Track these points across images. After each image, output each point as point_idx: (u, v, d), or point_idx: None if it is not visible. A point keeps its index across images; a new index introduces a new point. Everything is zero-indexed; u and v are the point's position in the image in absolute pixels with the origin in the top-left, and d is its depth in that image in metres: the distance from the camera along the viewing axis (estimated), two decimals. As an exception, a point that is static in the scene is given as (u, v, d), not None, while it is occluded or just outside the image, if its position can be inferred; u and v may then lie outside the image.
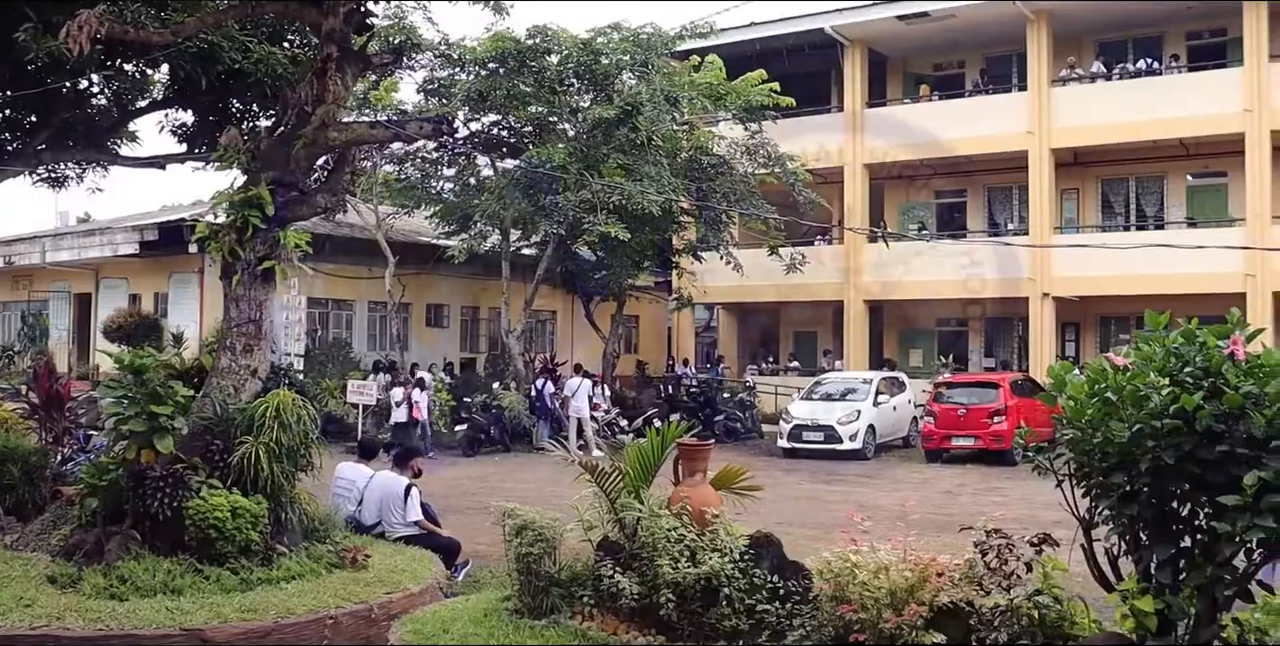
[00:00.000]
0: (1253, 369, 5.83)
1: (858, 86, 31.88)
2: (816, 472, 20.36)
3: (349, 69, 10.31)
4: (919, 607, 6.26)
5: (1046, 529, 6.93)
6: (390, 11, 24.00)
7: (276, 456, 8.91)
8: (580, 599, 7.26)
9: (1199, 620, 5.88)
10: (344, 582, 8.67)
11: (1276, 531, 5.49)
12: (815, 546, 7.90)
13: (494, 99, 24.60)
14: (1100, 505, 6.27)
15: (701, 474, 7.58)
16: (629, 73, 24.85)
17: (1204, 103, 26.81)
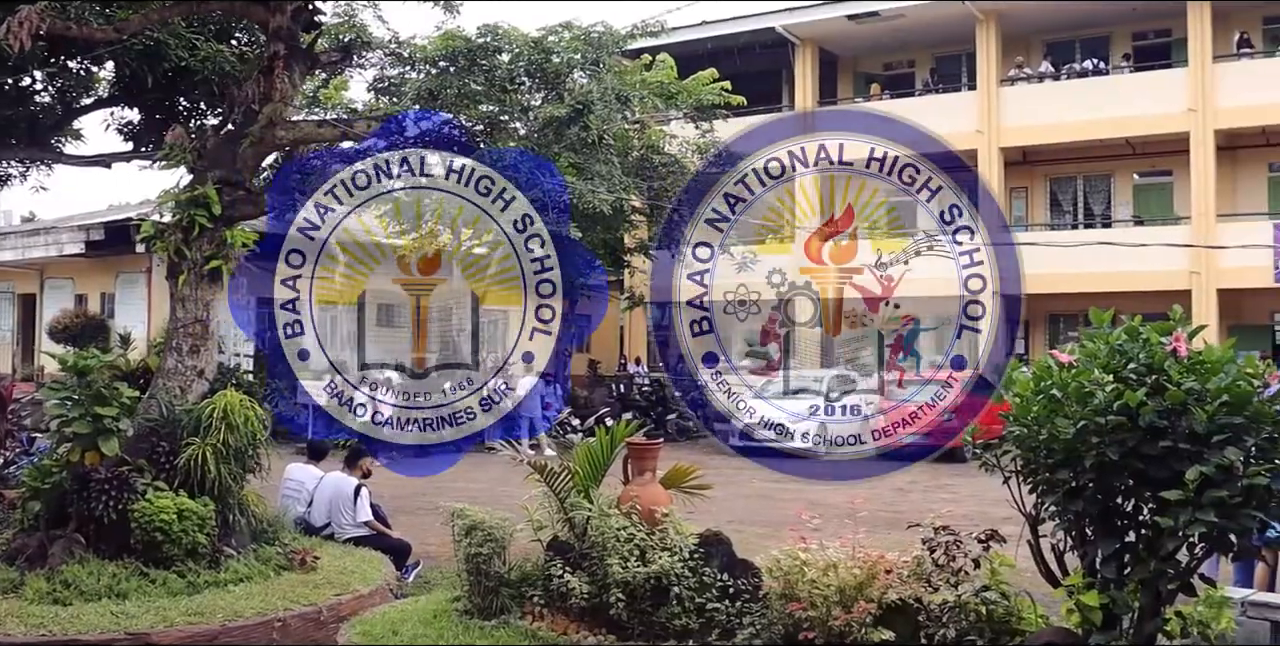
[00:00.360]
0: (1195, 365, 5.92)
1: (809, 85, 32.03)
2: (768, 470, 20.26)
3: (297, 67, 10.23)
4: (868, 605, 6.30)
5: (996, 525, 6.99)
6: (340, 9, 23.81)
7: (224, 458, 8.83)
8: (530, 599, 7.26)
9: (1143, 614, 5.96)
10: (292, 584, 8.61)
11: (1217, 525, 5.58)
12: (766, 544, 7.94)
13: (445, 98, 24.41)
14: (1046, 501, 6.34)
15: (651, 473, 7.59)
16: (580, 71, 24.75)
17: (1150, 102, 27.15)
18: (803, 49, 32.17)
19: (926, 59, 33.36)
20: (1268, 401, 5.77)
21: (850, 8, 30.48)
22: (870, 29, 31.31)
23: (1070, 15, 29.43)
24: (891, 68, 34.30)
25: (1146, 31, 30.37)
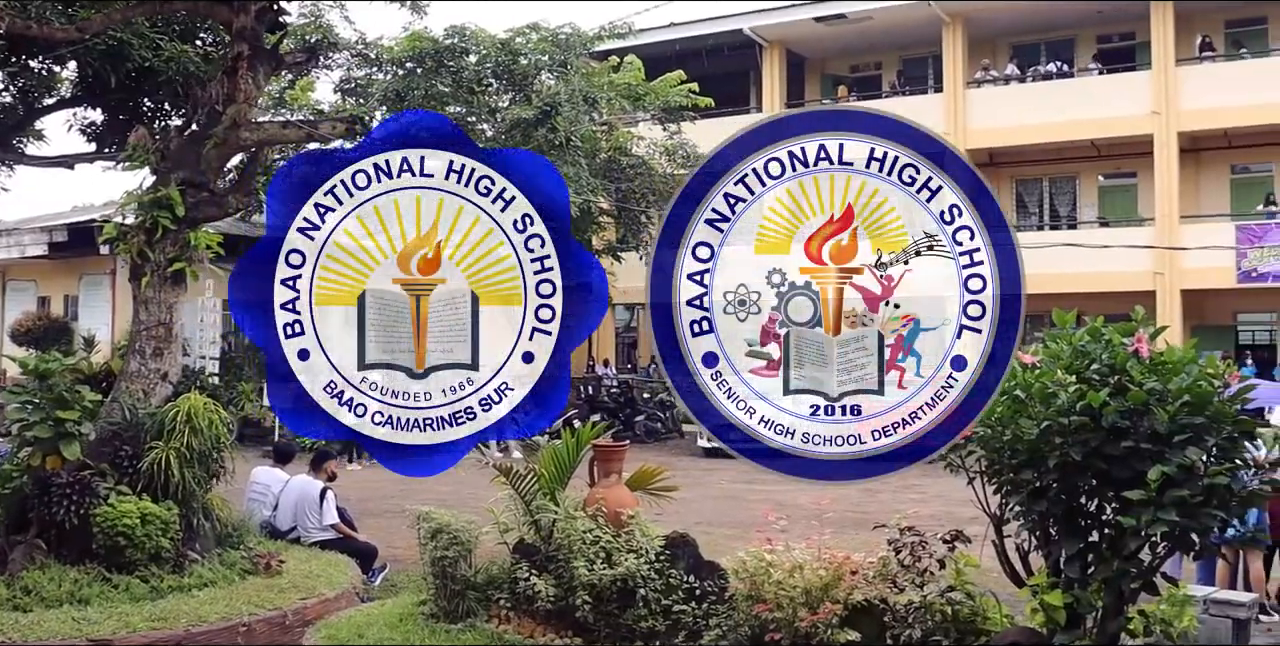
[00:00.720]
0: (1156, 366, 5.97)
1: (776, 87, 32.12)
2: (737, 472, 20.32)
3: (261, 68, 10.16)
4: (834, 606, 6.31)
5: (963, 525, 7.02)
6: (306, 9, 23.71)
7: (188, 461, 8.75)
8: (496, 602, 7.24)
9: (1106, 613, 6.00)
10: (258, 589, 8.54)
11: (1179, 525, 5.62)
12: (735, 545, 7.93)
13: (412, 99, 24.36)
14: (1011, 502, 6.38)
15: (617, 475, 7.57)
16: (547, 73, 24.76)
17: (1114, 105, 27.36)
18: (770, 51, 32.25)
19: (894, 61, 33.50)
20: (1228, 401, 5.82)
21: (817, 10, 30.58)
22: (837, 31, 31.42)
23: (1036, 18, 29.62)
24: (859, 70, 34.44)
25: (1111, 35, 30.61)
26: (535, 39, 24.85)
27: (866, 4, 29.83)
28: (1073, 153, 29.32)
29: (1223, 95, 26.38)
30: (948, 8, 29.30)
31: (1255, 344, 28.81)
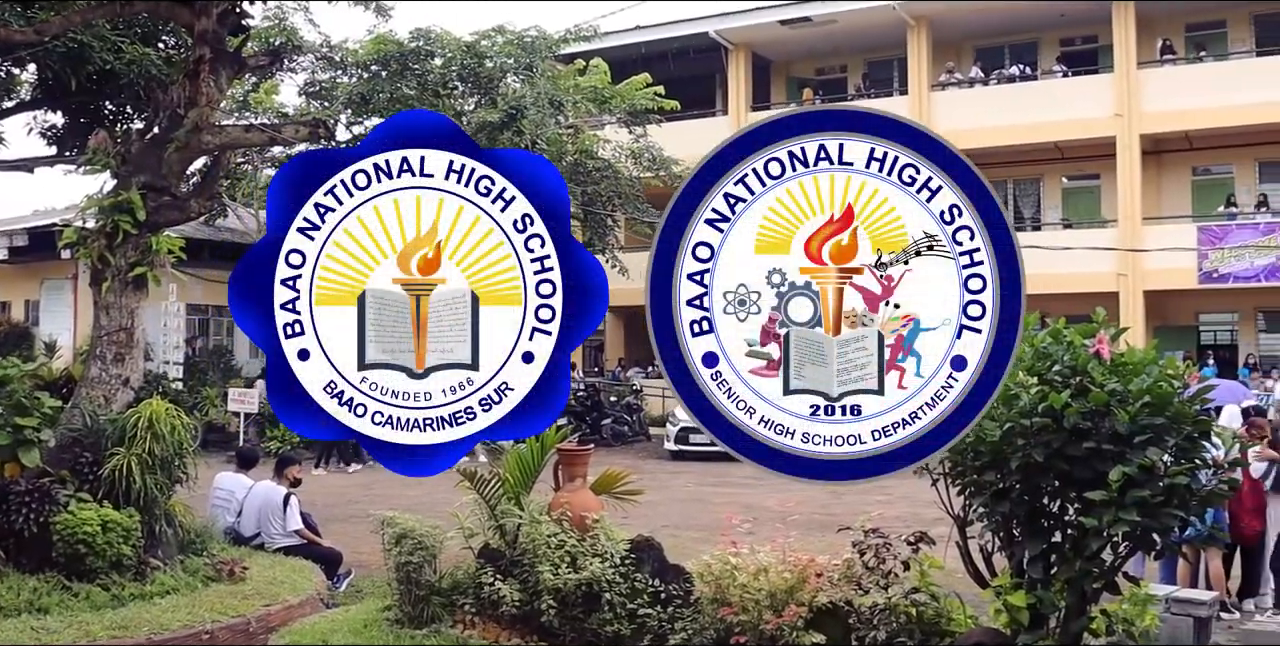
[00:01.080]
0: (1117, 367, 6.01)
1: (742, 90, 32.20)
2: (704, 474, 20.46)
3: (223, 71, 10.09)
4: (799, 608, 6.32)
5: (929, 526, 7.05)
6: (270, 12, 23.60)
7: (150, 468, 8.67)
8: (462, 607, 7.21)
9: (1069, 613, 6.04)
10: (221, 596, 8.48)
11: (1140, 525, 5.66)
12: (701, 548, 7.93)
13: (376, 102, 24.30)
14: (974, 503, 6.41)
15: (582, 479, 7.56)
16: (513, 76, 24.72)
17: (1077, 107, 27.56)
18: (736, 54, 32.32)
19: (859, 64, 33.63)
20: (1188, 402, 5.87)
21: (783, 13, 30.66)
22: (803, 34, 31.51)
23: (999, 21, 29.82)
24: (824, 72, 34.55)
25: (1074, 38, 30.84)
26: (501, 42, 24.82)
27: (831, 7, 29.94)
28: (1036, 155, 29.53)
29: (1184, 98, 26.63)
30: (912, 10, 29.45)
31: (1217, 344, 29.08)
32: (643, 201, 26.52)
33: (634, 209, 25.89)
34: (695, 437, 23.05)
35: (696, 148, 24.87)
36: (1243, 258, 25.60)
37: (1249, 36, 28.87)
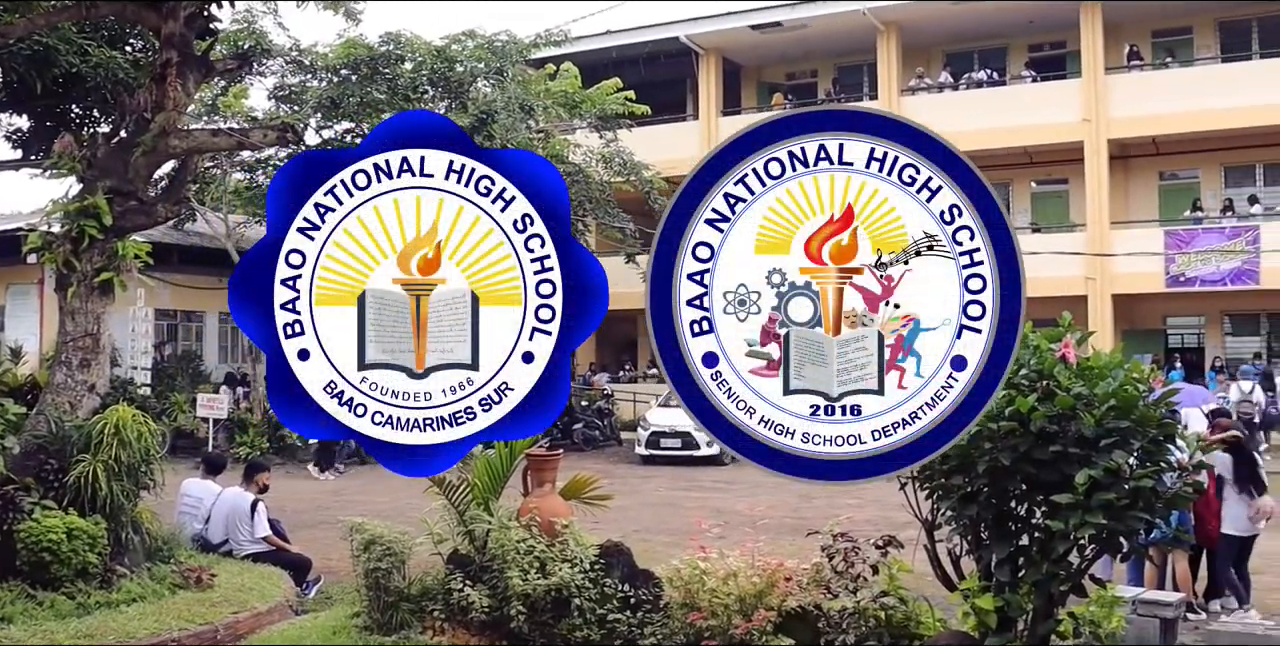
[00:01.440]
0: (1083, 370, 6.05)
1: (713, 95, 32.26)
2: (675, 479, 20.47)
3: (191, 75, 10.04)
4: (767, 613, 6.34)
5: (899, 529, 7.08)
6: (239, 15, 23.48)
7: (116, 474, 8.60)
8: (431, 613, 7.19)
9: (1037, 615, 6.07)
10: (188, 603, 8.42)
11: (1106, 527, 5.70)
12: (672, 552, 7.94)
13: (347, 106, 24.21)
14: (942, 506, 6.43)
15: (550, 484, 7.56)
16: (483, 80, 24.66)
17: (1046, 112, 27.73)
18: (707, 58, 32.37)
19: (829, 68, 33.75)
20: (1153, 405, 5.92)
21: (753, 18, 30.74)
22: (773, 39, 31.60)
23: (969, 26, 29.99)
24: (795, 77, 34.64)
25: (1042, 43, 31.03)
26: (471, 46, 24.77)
27: (802, 11, 30.05)
28: (1005, 159, 29.67)
29: (1151, 103, 26.83)
30: (882, 15, 29.58)
31: (1184, 347, 29.31)
32: (613, 206, 26.53)
33: (605, 214, 25.89)
34: (666, 442, 23.09)
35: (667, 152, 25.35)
36: (1209, 261, 25.81)
37: (1214, 43, 29.14)
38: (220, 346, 30.55)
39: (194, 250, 27.78)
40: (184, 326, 29.82)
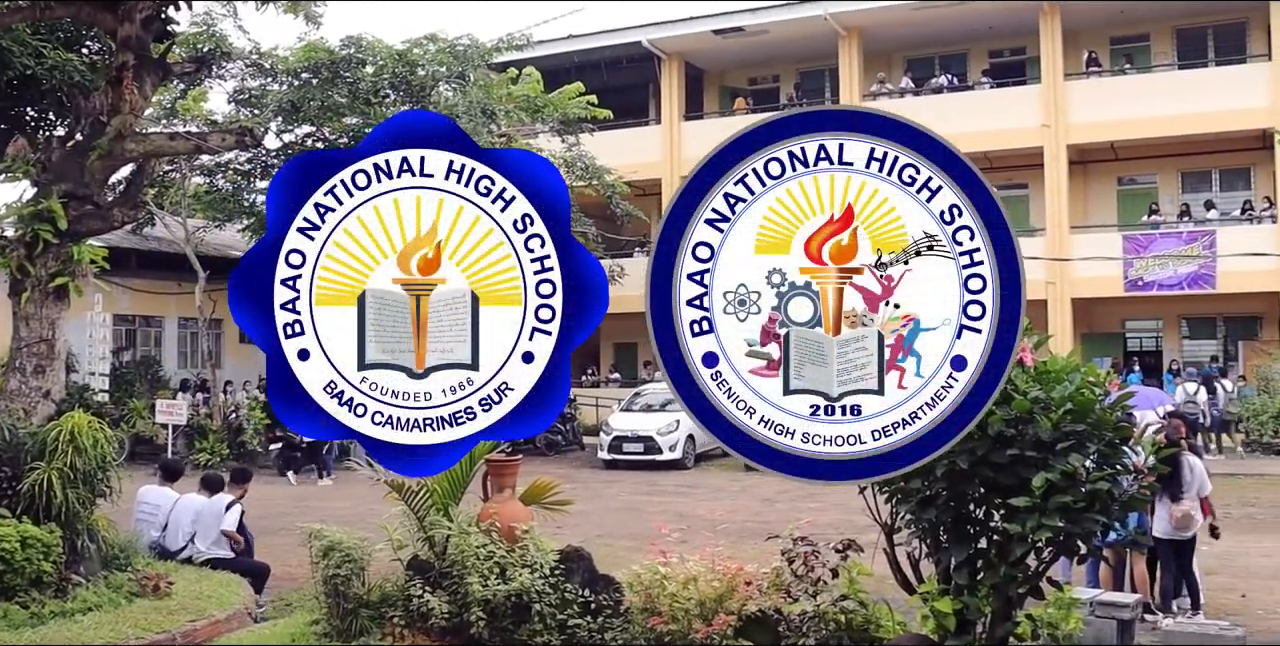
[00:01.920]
0: (1040, 374, 6.09)
1: (675, 99, 32.30)
2: (637, 483, 20.46)
3: (148, 78, 9.96)
4: (728, 617, 6.33)
5: (860, 533, 7.09)
6: (199, 18, 23.32)
7: (71, 482, 8.50)
8: (391, 619, 7.14)
9: (995, 618, 6.09)
10: (145, 612, 8.34)
11: (1063, 530, 5.74)
12: (634, 557, 7.92)
13: (307, 110, 24.11)
14: (901, 510, 6.45)
15: (510, 489, 7.53)
16: (445, 84, 24.60)
17: (1006, 118, 27.95)
18: (669, 63, 32.42)
19: (791, 73, 33.86)
20: (1109, 408, 5.96)
21: (716, 22, 30.81)
22: (736, 44, 31.69)
23: (930, 32, 30.20)
24: (757, 82, 34.75)
25: (1002, 49, 31.28)
26: (433, 50, 24.71)
27: (764, 17, 30.16)
28: (966, 164, 29.87)
29: (1109, 109, 27.10)
30: (844, 21, 29.73)
31: (1143, 350, 29.59)
32: (576, 210, 26.50)
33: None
34: (628, 446, 23.08)
35: (629, 157, 25.40)
36: (1166, 266, 26.08)
37: (1171, 50, 29.47)
38: (180, 352, 30.31)
39: (153, 255, 27.56)
40: (143, 331, 29.56)
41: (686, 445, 23.17)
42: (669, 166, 31.45)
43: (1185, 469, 8.99)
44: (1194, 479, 9.15)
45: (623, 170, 28.10)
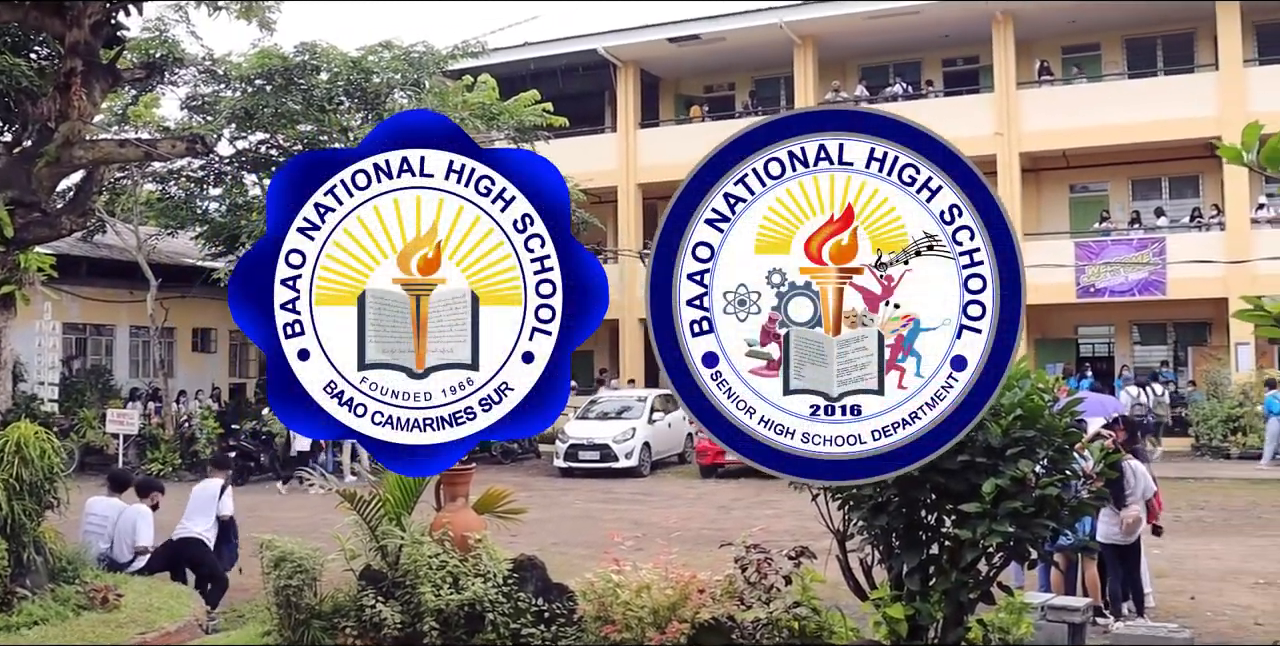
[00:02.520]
0: (990, 381, 6.11)
1: (631, 107, 32.32)
2: (593, 491, 20.43)
3: (97, 84, 9.84)
4: (681, 625, 6.32)
5: (816, 539, 7.10)
6: (151, 24, 23.12)
7: (17, 493, 8.37)
8: (343, 630, 7.09)
9: (947, 623, 6.12)
10: (93, 625, 8.21)
11: (1013, 535, 5.77)
12: (590, 565, 7.90)
13: (261, 117, 23.96)
14: (854, 516, 6.47)
15: (463, 498, 7.50)
16: (401, 92, 24.53)
17: (959, 126, 28.07)
18: (625, 71, 32.44)
19: (746, 81, 33.98)
20: (1058, 415, 6.01)
21: (671, 30, 30.86)
22: (691, 51, 31.75)
23: (884, 41, 30.38)
24: (712, 90, 34.83)
25: (956, 58, 31.52)
26: (388, 57, 24.62)
27: (719, 25, 30.24)
28: (920, 172, 30.07)
29: (1061, 117, 27.36)
30: (799, 29, 29.86)
31: (1095, 356, 29.86)
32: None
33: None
34: (584, 454, 23.05)
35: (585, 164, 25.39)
36: (1118, 272, 26.34)
37: (1121, 59, 29.81)
38: (132, 361, 30.00)
39: (104, 263, 27.27)
40: (94, 340, 29.24)
41: (642, 453, 23.18)
42: (625, 174, 31.49)
43: (1128, 474, 9.07)
44: (1138, 483, 9.23)
45: (578, 178, 28.00)
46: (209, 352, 32.44)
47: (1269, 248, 24.36)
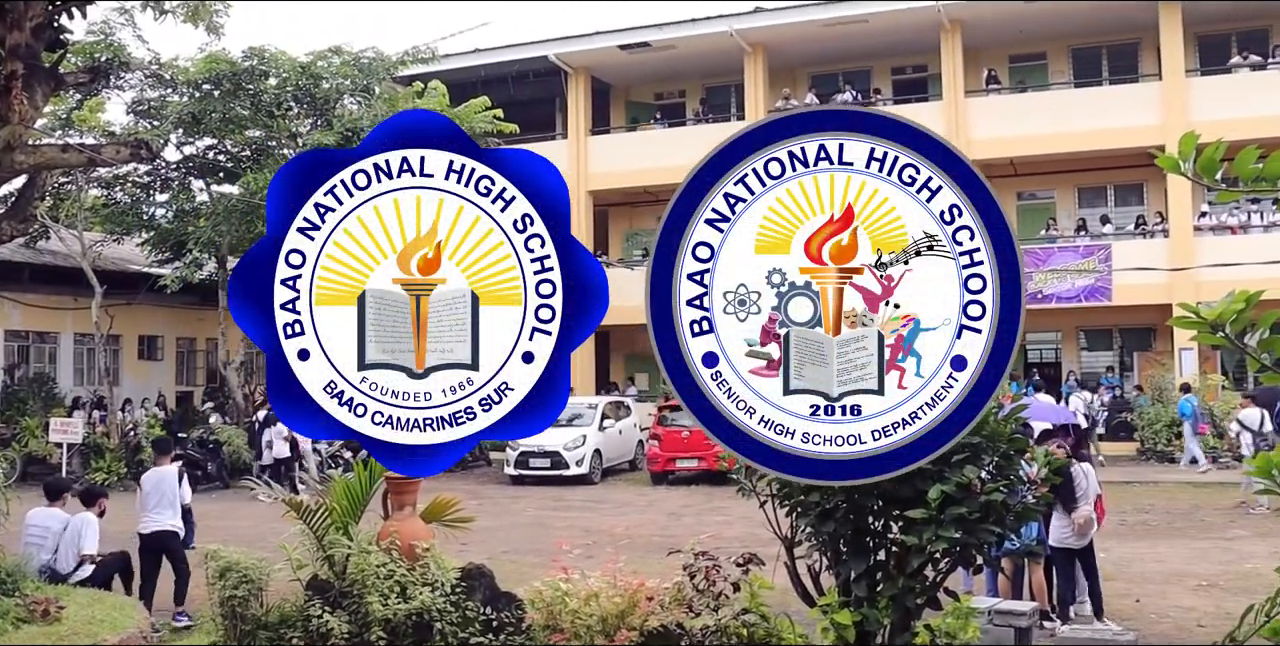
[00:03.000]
0: (937, 388, 6.14)
1: (582, 114, 32.30)
2: (544, 498, 20.37)
3: (39, 87, 9.73)
4: (630, 632, 6.32)
5: (765, 546, 7.11)
6: (96, 27, 22.86)
7: (-45, 504, 8.26)
8: (289, 641, 7.03)
9: (894, 629, 6.15)
10: (33, 637, 8.07)
11: (959, 541, 5.80)
12: (540, 573, 7.88)
13: (209, 122, 23.75)
14: (801, 523, 6.48)
15: (411, 507, 7.45)
16: (350, 98, 24.40)
17: (908, 134, 28.36)
18: (575, 77, 32.43)
19: (697, 89, 34.05)
20: (1003, 421, 6.05)
21: (622, 38, 30.88)
22: (642, 59, 31.79)
23: (834, 50, 30.56)
24: (663, 97, 34.89)
25: (905, 67, 31.77)
26: (337, 63, 24.48)
27: (670, 33, 30.29)
28: (869, 179, 30.26)
29: (1008, 125, 27.65)
30: (748, 37, 29.96)
31: (1043, 362, 30.15)
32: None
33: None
34: (535, 461, 22.98)
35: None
36: (1064, 279, 26.62)
37: (1068, 69, 30.16)
38: (76, 368, 29.60)
39: (47, 269, 26.92)
40: (36, 347, 28.84)
41: (593, 460, 23.13)
42: (575, 181, 31.45)
43: (1078, 476, 9.16)
44: (1088, 485, 9.33)
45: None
46: (155, 360, 32.08)
47: (1212, 255, 24.69)
